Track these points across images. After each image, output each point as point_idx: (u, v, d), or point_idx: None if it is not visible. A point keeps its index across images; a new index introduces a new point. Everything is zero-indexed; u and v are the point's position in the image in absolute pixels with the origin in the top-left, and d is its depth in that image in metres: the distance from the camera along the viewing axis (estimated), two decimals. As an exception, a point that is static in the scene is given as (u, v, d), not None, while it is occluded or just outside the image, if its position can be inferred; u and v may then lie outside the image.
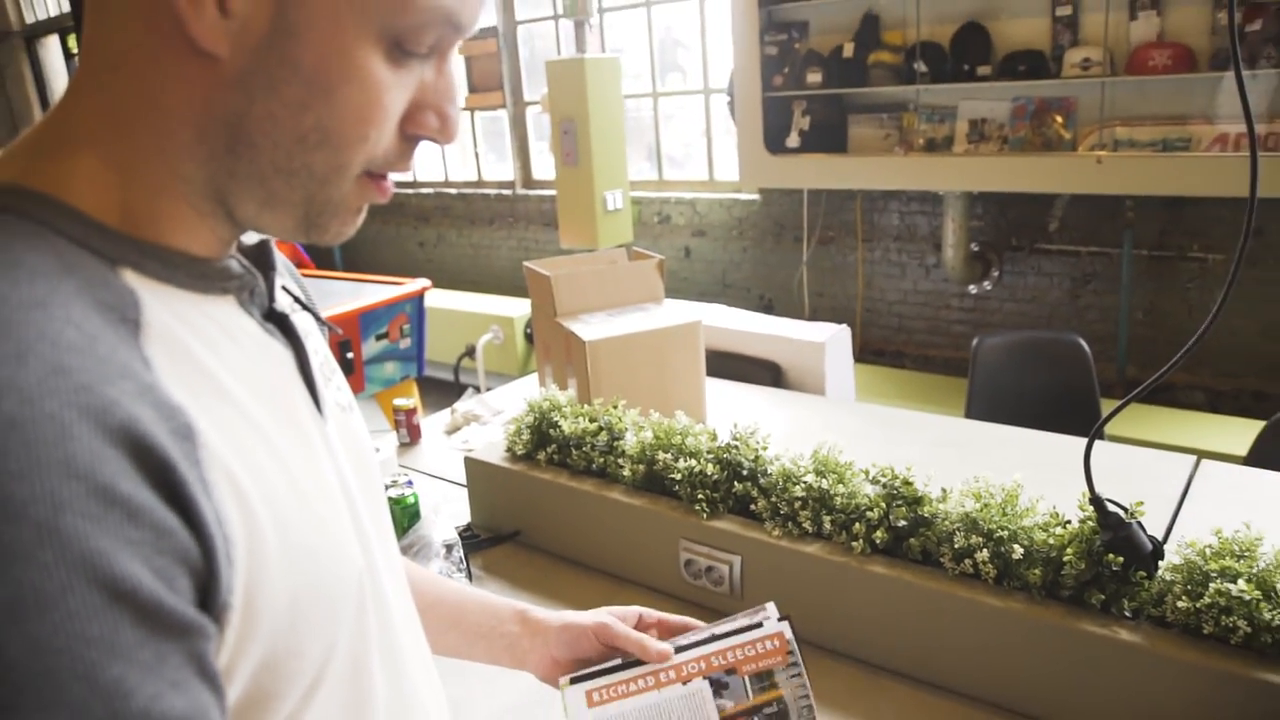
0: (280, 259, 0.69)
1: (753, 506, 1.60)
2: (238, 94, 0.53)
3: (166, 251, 0.56)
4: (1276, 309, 4.19)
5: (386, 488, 1.98)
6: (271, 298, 0.64)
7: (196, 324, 0.55)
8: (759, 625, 0.95)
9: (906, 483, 1.48)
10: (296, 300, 0.73)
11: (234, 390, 0.55)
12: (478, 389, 4.29)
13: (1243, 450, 2.47)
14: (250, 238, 0.65)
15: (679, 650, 0.94)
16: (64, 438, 0.42)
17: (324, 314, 0.74)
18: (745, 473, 1.62)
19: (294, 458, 0.58)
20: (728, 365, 2.74)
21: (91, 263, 0.51)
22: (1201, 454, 2.10)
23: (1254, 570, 1.23)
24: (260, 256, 0.65)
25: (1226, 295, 1.13)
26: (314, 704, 0.57)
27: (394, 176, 0.61)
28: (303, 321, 0.70)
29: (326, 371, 0.71)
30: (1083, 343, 3.05)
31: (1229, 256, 4.25)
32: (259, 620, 0.50)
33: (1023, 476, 1.43)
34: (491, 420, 2.60)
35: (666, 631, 0.98)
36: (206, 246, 0.58)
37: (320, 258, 7.04)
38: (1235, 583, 1.21)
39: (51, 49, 9.50)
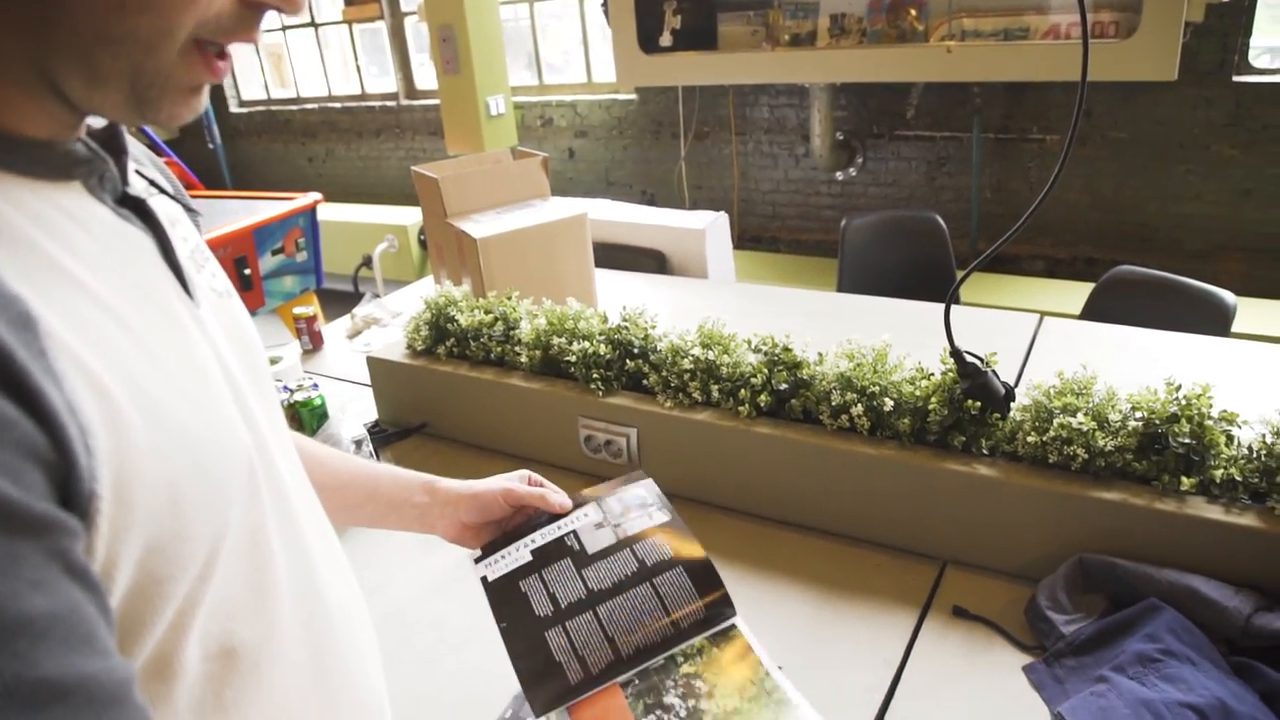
0: (133, 143, 0.63)
1: (645, 381, 1.61)
2: None
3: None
4: (1105, 182, 4.35)
5: (292, 391, 1.92)
6: (124, 181, 0.58)
7: (39, 212, 0.50)
8: (630, 483, 1.01)
9: (786, 350, 1.49)
10: (157, 187, 0.67)
11: (85, 279, 0.49)
12: (377, 295, 4.17)
13: (1078, 309, 2.58)
14: (100, 121, 0.58)
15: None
16: None
17: (216, 233, 0.67)
18: (636, 351, 1.62)
19: (162, 343, 0.53)
20: (615, 256, 2.72)
21: None
22: (1043, 314, 2.20)
23: (1090, 405, 1.30)
24: (109, 140, 0.58)
25: (1059, 171, 1.16)
26: (212, 583, 0.54)
27: (238, 52, 0.54)
28: (165, 208, 0.64)
29: (199, 259, 0.66)
30: (939, 220, 3.12)
31: (1064, 137, 4.38)
32: (134, 508, 0.46)
33: (890, 339, 1.47)
34: (391, 322, 2.53)
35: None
36: (44, 130, 0.52)
37: (210, 179, 6.67)
38: (1075, 416, 1.27)
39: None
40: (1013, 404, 1.36)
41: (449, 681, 1.26)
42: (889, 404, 1.38)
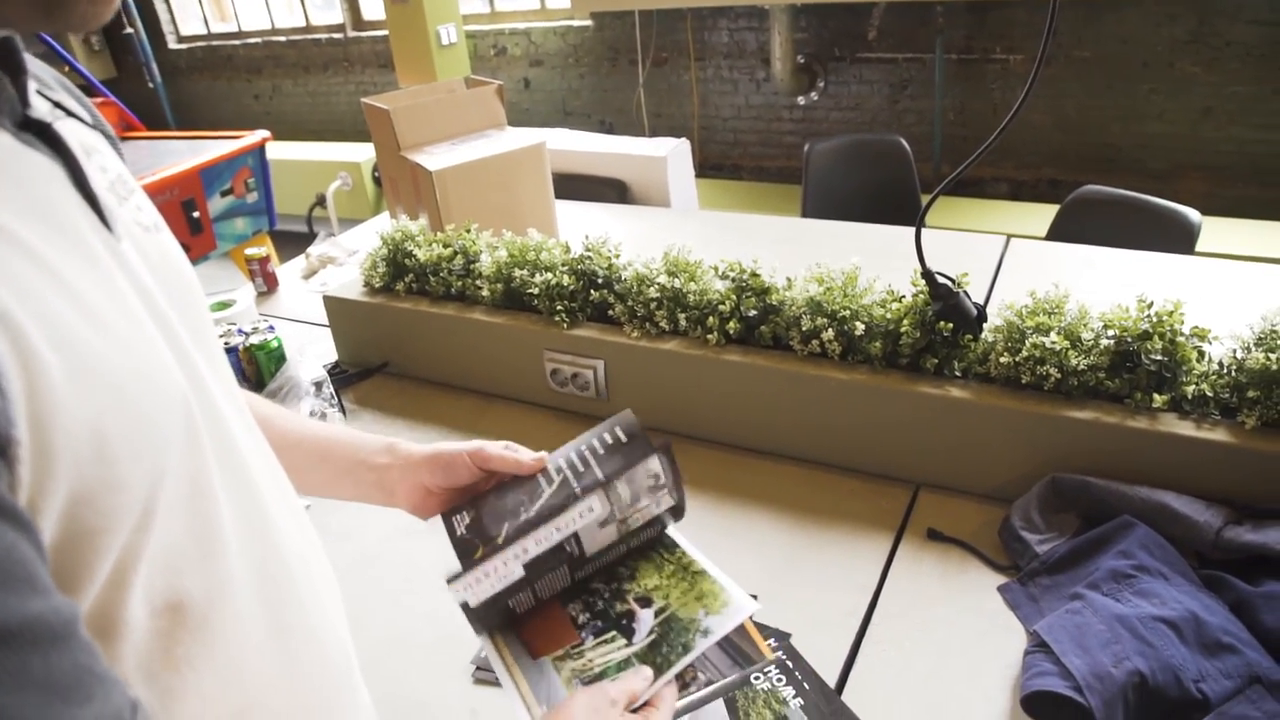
0: (38, 64, 0.57)
1: (610, 312, 1.57)
2: None
3: None
4: (1068, 103, 4.33)
5: (247, 335, 1.86)
6: (25, 104, 0.52)
7: None
8: (640, 459, 0.87)
9: (754, 275, 1.46)
10: (66, 111, 0.61)
11: None
12: (332, 235, 4.07)
13: (1043, 231, 2.57)
14: None
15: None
16: None
17: (161, 175, 0.61)
18: (600, 281, 1.58)
19: (77, 278, 0.49)
20: (574, 186, 2.66)
21: None
22: (1009, 236, 2.18)
23: (1062, 324, 1.28)
24: (4, 58, 0.52)
25: (1029, 91, 1.12)
26: (152, 535, 0.50)
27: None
28: (78, 134, 0.59)
29: (120, 190, 0.60)
30: (903, 142, 3.08)
31: (1029, 56, 4.34)
32: (56, 454, 0.43)
33: (859, 262, 1.44)
34: (347, 261, 2.46)
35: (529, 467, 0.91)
36: None
37: (152, 119, 6.43)
38: (1048, 336, 1.26)
39: None
40: (984, 325, 1.35)
41: (422, 624, 1.24)
42: (860, 328, 1.35)
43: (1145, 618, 1.01)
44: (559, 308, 1.58)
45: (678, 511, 0.91)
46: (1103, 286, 1.61)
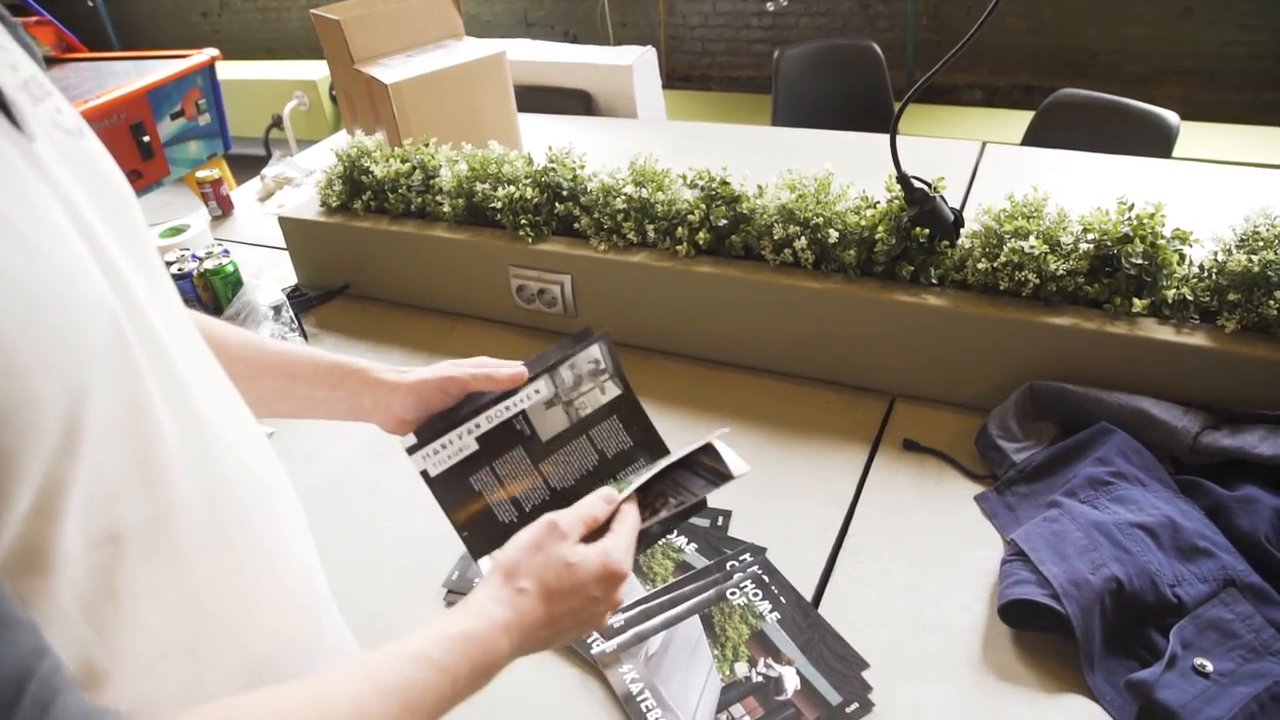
0: None
1: (576, 225, 1.52)
2: None
3: None
4: (1043, 6, 4.23)
5: (202, 260, 1.79)
6: None
7: None
8: (583, 347, 0.90)
9: (724, 184, 1.42)
10: None
11: None
12: (289, 156, 3.93)
13: (1018, 138, 2.52)
14: None
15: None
16: None
17: (106, 97, 0.56)
18: (565, 193, 1.53)
19: None
20: (537, 99, 2.57)
21: None
22: (985, 143, 2.13)
23: (1041, 228, 1.25)
24: None
25: None
26: (82, 461, 0.47)
27: None
28: None
29: (36, 91, 0.55)
30: (876, 46, 2.99)
31: (1003, -45, 4.21)
32: None
33: (832, 169, 1.39)
34: (305, 181, 2.38)
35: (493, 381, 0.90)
36: None
37: (94, 40, 6.15)
38: (1027, 241, 1.23)
39: None
40: (961, 230, 1.32)
41: (392, 546, 1.22)
42: (834, 235, 1.32)
43: (1122, 524, 1.00)
44: (523, 222, 1.53)
45: (651, 445, 0.90)
46: (1081, 191, 1.58)
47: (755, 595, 1.08)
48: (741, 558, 1.13)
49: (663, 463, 0.80)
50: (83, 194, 0.53)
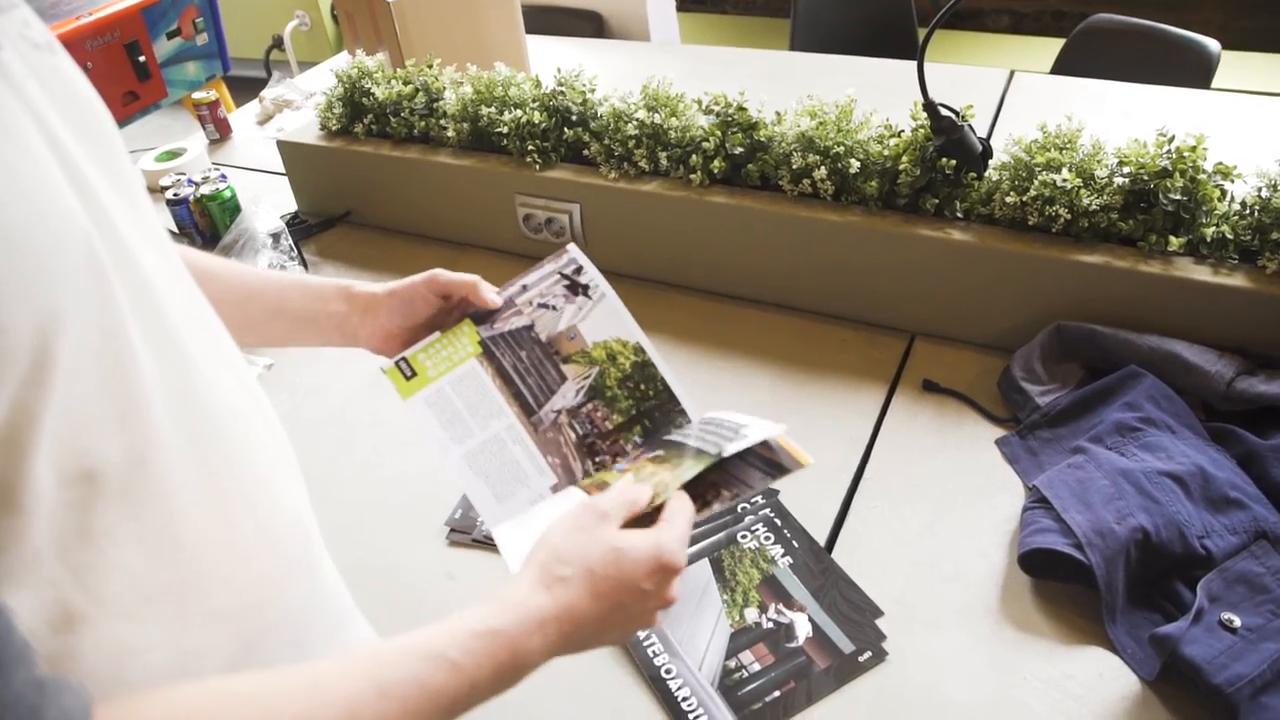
0: None
1: (586, 152, 1.47)
2: None
3: None
4: (1076, -76, 4.06)
5: (198, 185, 1.74)
6: None
7: None
8: (563, 264, 0.86)
9: (741, 109, 1.36)
10: None
11: None
12: (289, 78, 3.85)
13: (1048, 67, 2.43)
14: None
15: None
16: None
17: (98, 15, 0.51)
18: (575, 118, 1.47)
19: None
20: (546, 20, 2.48)
21: None
22: (1013, 71, 2.05)
23: (1075, 160, 1.20)
24: None
25: None
26: (52, 391, 0.45)
27: None
28: None
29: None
30: (900, -31, 2.88)
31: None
32: None
33: (854, 95, 1.33)
34: (305, 104, 2.31)
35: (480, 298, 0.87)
36: None
37: (90, -49, 6.00)
38: (1059, 173, 1.18)
39: None
40: (989, 162, 1.26)
41: (392, 486, 1.20)
42: (855, 165, 1.26)
43: (1150, 472, 0.97)
44: (530, 148, 1.48)
45: (671, 410, 0.86)
46: (1115, 123, 1.52)
47: (767, 539, 1.06)
48: (754, 500, 1.10)
49: (730, 447, 0.71)
50: (55, 111, 0.50)
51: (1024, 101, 1.91)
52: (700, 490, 0.71)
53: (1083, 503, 0.96)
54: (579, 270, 0.85)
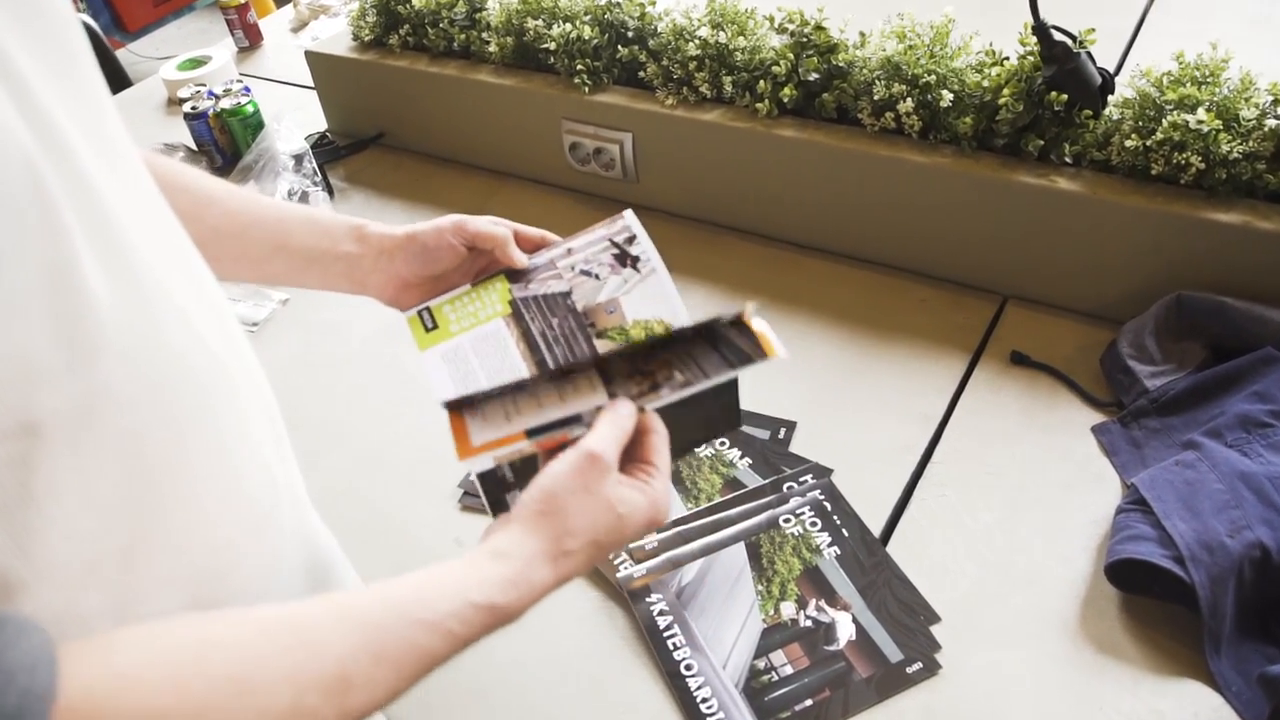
0: None
1: (641, 74, 1.44)
2: None
3: None
4: None
5: (218, 98, 1.74)
6: None
7: None
8: (616, 230, 0.85)
9: (819, 28, 1.31)
10: None
11: None
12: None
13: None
14: None
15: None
16: None
17: None
18: (630, 34, 1.45)
19: None
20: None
21: None
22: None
23: (1216, 98, 1.10)
24: None
25: None
26: None
27: None
28: None
29: None
30: None
31: None
32: None
33: (953, 13, 1.26)
34: (344, 9, 2.30)
35: (525, 243, 0.87)
36: None
37: None
38: (1194, 113, 1.09)
39: None
40: (1110, 99, 1.18)
41: (405, 441, 1.20)
42: (948, 97, 1.20)
43: (1277, 478, 0.90)
44: (580, 67, 1.44)
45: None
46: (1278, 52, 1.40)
47: (813, 525, 1.02)
48: (802, 479, 1.07)
49: (678, 322, 0.73)
50: (3, 20, 0.48)
51: (1170, 24, 1.78)
52: (649, 367, 0.72)
53: (1189, 509, 0.89)
54: (631, 240, 0.83)
